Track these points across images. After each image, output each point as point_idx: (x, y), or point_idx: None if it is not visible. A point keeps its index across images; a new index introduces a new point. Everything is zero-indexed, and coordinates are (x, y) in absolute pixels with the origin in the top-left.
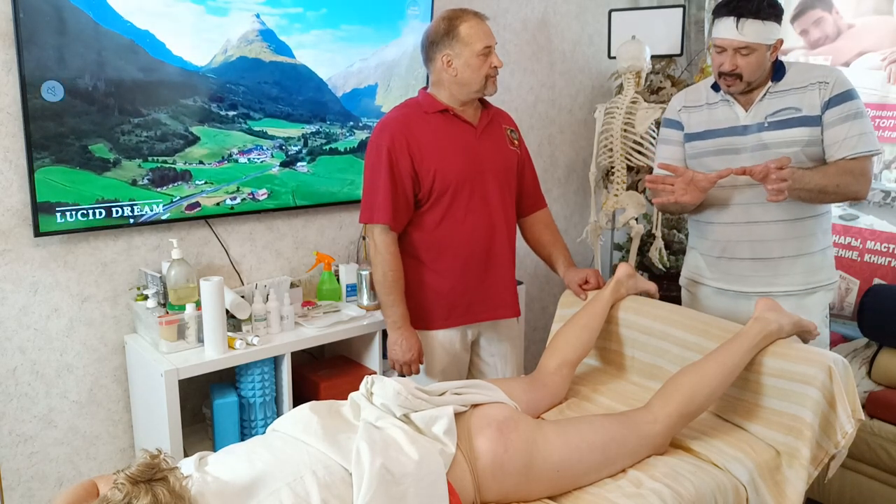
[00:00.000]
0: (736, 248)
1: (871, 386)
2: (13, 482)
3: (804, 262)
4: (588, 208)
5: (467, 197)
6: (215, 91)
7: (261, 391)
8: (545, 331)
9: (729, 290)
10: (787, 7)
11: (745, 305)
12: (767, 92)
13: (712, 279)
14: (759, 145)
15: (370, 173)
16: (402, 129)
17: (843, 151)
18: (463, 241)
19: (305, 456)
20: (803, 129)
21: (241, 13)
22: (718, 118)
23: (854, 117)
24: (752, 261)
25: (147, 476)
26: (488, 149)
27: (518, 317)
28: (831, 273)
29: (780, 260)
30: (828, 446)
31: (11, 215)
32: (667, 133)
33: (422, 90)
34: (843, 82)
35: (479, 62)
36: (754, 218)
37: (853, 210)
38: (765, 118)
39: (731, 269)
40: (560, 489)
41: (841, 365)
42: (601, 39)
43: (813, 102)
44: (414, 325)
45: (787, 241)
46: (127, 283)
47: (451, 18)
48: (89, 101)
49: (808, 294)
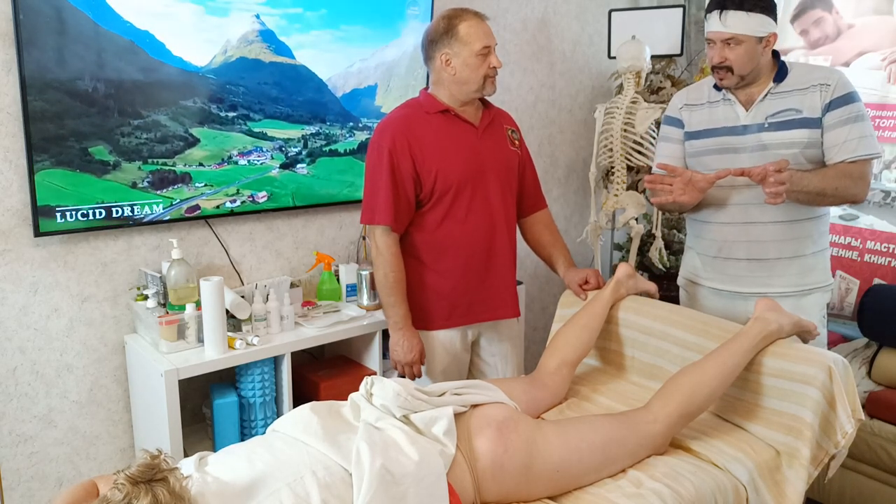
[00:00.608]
0: (732, 249)
1: (871, 386)
2: (13, 482)
3: (800, 264)
4: (588, 208)
5: (469, 197)
6: (215, 92)
7: (261, 391)
8: (545, 331)
9: (725, 290)
10: (787, 7)
11: (741, 306)
12: (769, 92)
13: (708, 279)
14: (758, 146)
15: (371, 174)
16: (404, 130)
17: (842, 154)
18: (464, 242)
19: (305, 456)
20: (803, 130)
21: (241, 13)
22: (718, 117)
23: (855, 120)
24: (748, 261)
25: (147, 476)
26: (489, 149)
27: (518, 317)
28: (826, 275)
29: (776, 261)
30: (828, 446)
31: (11, 215)
32: (667, 131)
33: (423, 90)
34: (844, 84)
35: (477, 62)
36: (752, 218)
37: (853, 210)
38: (765, 119)
39: (728, 269)
40: (560, 489)
41: (841, 365)
42: (601, 39)
43: (814, 104)
44: (415, 325)
45: (784, 242)
46: (127, 283)
47: (450, 17)
48: (89, 102)
49: (804, 295)
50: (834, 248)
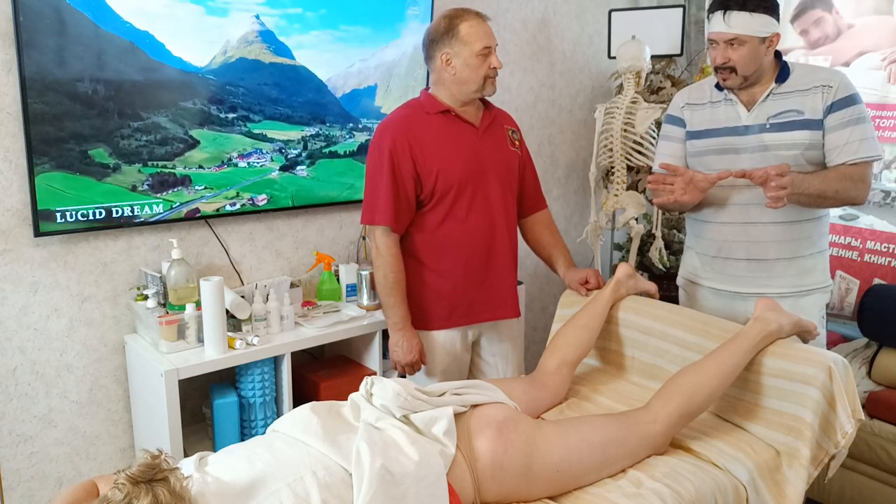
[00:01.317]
0: (732, 249)
1: (871, 386)
2: (13, 482)
3: (799, 265)
4: (588, 208)
5: (469, 197)
6: (215, 93)
7: (261, 391)
8: (545, 331)
9: (724, 290)
10: (787, 7)
11: (741, 306)
12: (771, 93)
13: (707, 279)
14: (759, 146)
15: (372, 175)
16: (404, 131)
17: (843, 157)
18: (464, 242)
19: (305, 456)
20: (804, 132)
21: (241, 14)
22: (720, 117)
23: (856, 122)
24: (747, 261)
25: (148, 476)
26: (490, 149)
27: (519, 317)
28: (826, 276)
29: (775, 262)
30: (828, 446)
31: (11, 215)
32: (669, 130)
33: (423, 90)
34: (846, 86)
35: (477, 62)
36: (752, 219)
37: (853, 210)
38: (766, 119)
39: (727, 269)
40: (560, 489)
41: (841, 365)
42: (601, 39)
43: (815, 106)
44: (415, 325)
45: (784, 243)
46: (127, 283)
47: (451, 17)
48: (89, 104)
49: (802, 296)
50: (834, 248)
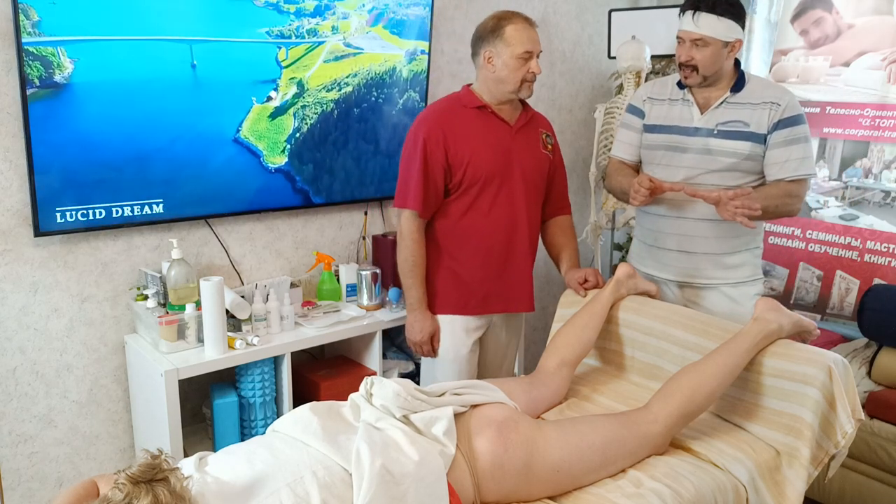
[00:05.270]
0: (665, 239)
1: (871, 386)
2: (13, 482)
3: (725, 261)
4: (588, 208)
5: (494, 191)
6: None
7: (261, 391)
8: (545, 331)
9: (657, 276)
10: (787, 7)
11: (669, 293)
12: (725, 101)
13: (644, 266)
14: (703, 149)
15: (406, 162)
16: (440, 122)
17: (784, 173)
18: (485, 234)
19: (305, 456)
20: (747, 143)
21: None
22: (675, 115)
23: (799, 141)
24: (677, 252)
25: (148, 476)
26: (521, 148)
27: (533, 311)
28: (756, 270)
29: (703, 255)
30: (828, 446)
31: (11, 215)
32: (629, 119)
33: (465, 86)
34: (793, 107)
35: (517, 64)
36: (684, 213)
37: (853, 210)
38: (715, 125)
39: (661, 257)
40: (560, 489)
41: (841, 365)
42: (601, 39)
43: (761, 121)
44: (430, 309)
45: (711, 239)
46: (127, 283)
47: (500, 18)
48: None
49: (731, 287)
50: (834, 248)
